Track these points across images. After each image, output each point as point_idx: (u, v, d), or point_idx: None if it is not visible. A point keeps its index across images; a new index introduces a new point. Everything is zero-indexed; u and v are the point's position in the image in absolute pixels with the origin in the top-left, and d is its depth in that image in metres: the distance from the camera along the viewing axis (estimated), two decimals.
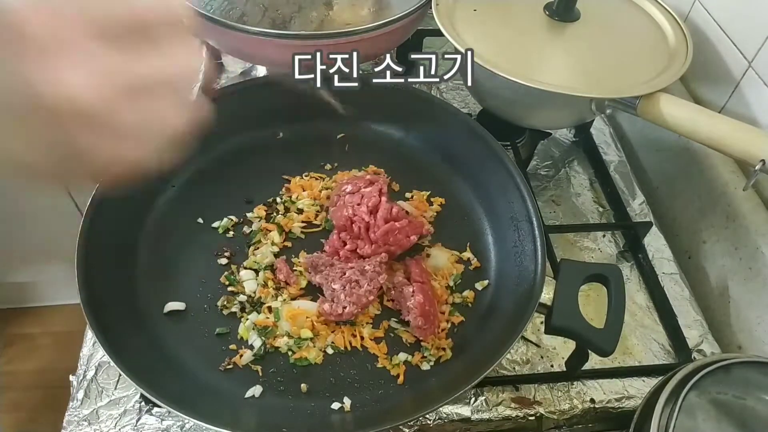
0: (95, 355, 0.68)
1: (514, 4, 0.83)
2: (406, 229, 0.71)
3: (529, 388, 0.68)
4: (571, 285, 0.61)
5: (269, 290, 0.69)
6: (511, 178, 0.73)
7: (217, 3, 0.85)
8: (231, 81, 1.00)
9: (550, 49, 0.80)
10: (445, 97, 1.00)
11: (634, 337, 0.74)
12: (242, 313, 0.68)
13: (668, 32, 0.80)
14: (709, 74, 0.86)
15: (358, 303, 0.65)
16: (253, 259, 0.72)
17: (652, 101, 0.69)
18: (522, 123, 0.87)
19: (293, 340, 0.65)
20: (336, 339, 0.66)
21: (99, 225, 0.67)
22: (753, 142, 0.64)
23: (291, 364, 0.64)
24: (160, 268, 0.71)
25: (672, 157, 0.90)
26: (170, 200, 0.76)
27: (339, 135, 0.85)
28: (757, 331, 0.73)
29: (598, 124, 0.99)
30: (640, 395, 0.67)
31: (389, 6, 0.89)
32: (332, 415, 0.61)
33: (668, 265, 0.81)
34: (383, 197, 0.73)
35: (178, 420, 0.63)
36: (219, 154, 0.81)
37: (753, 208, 0.76)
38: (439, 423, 0.65)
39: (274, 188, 0.79)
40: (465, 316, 0.69)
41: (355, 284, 0.66)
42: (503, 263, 0.73)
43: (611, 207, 0.88)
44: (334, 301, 0.66)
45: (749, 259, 0.75)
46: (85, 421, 0.63)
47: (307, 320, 0.67)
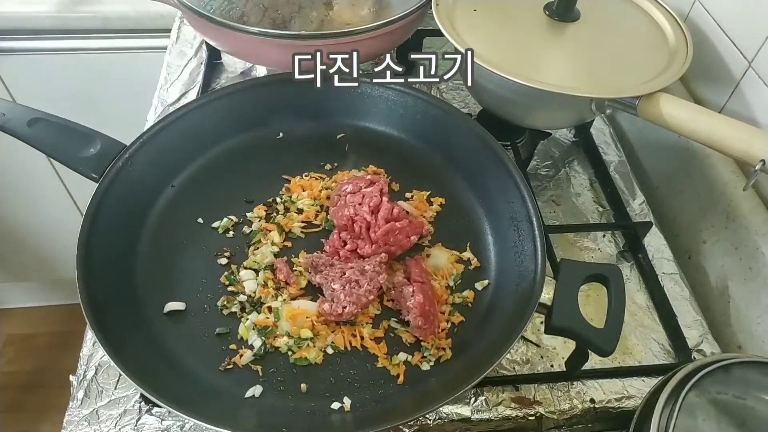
0: (95, 355, 0.68)
1: (514, 4, 0.83)
2: (406, 229, 0.71)
3: (529, 388, 0.68)
4: (571, 285, 0.61)
5: (269, 290, 0.69)
6: (511, 178, 0.73)
7: (217, 3, 0.85)
8: (231, 81, 1.00)
9: (550, 49, 0.80)
10: (445, 97, 1.01)
11: (634, 337, 0.74)
12: (242, 313, 0.68)
13: (668, 32, 0.80)
14: (709, 74, 0.86)
15: (358, 303, 0.65)
16: (253, 259, 0.72)
17: (652, 101, 0.69)
18: (522, 123, 0.87)
19: (293, 340, 0.65)
20: (336, 339, 0.66)
21: (99, 225, 0.67)
22: (753, 142, 0.64)
23: (291, 364, 0.64)
24: (160, 268, 0.71)
25: (672, 157, 0.90)
26: (170, 200, 0.76)
27: (339, 135, 0.85)
28: (757, 331, 0.73)
29: (598, 124, 0.99)
30: (640, 395, 0.67)
31: (389, 6, 0.89)
32: (332, 415, 0.61)
33: (668, 265, 0.81)
34: (384, 197, 0.73)
35: (178, 420, 0.63)
36: (219, 154, 0.81)
37: (753, 208, 0.76)
38: (439, 423, 0.65)
39: (274, 188, 0.79)
40: (465, 316, 0.69)
41: (355, 284, 0.66)
42: (503, 263, 0.73)
43: (611, 207, 0.88)
44: (334, 301, 0.66)
45: (749, 259, 0.75)
46: (85, 421, 0.63)
47: (307, 320, 0.67)
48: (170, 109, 0.93)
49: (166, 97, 0.97)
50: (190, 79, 1.00)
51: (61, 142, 0.70)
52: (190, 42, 1.07)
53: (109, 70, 1.33)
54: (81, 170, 0.69)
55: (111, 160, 0.70)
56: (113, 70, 1.33)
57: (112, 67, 1.33)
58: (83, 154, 0.70)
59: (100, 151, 0.70)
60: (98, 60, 1.32)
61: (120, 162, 0.71)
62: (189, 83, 0.99)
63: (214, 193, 0.78)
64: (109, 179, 0.69)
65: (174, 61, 1.03)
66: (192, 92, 0.97)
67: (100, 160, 0.70)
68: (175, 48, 1.06)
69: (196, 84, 0.98)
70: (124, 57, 1.31)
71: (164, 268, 0.71)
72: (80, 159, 0.69)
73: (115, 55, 1.32)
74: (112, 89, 1.36)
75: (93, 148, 0.70)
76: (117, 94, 1.34)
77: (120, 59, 1.32)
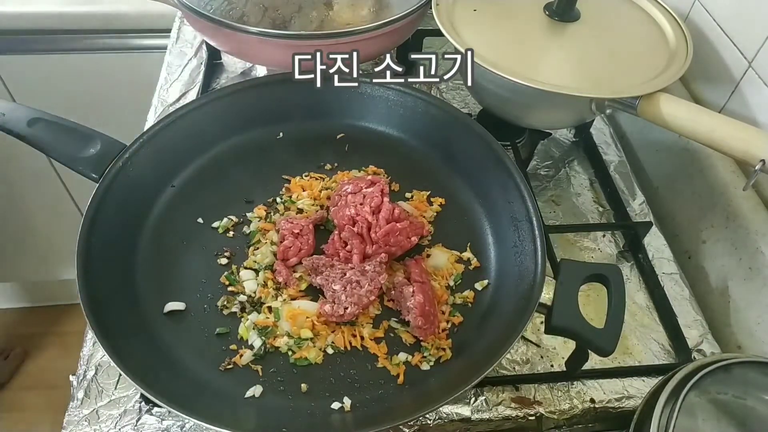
0: (95, 355, 0.68)
1: (514, 4, 0.83)
2: (407, 230, 0.71)
3: (529, 388, 0.68)
4: (571, 285, 0.61)
5: (269, 290, 0.69)
6: (511, 178, 0.73)
7: (217, 3, 0.85)
8: (231, 81, 1.00)
9: (550, 49, 0.80)
10: (445, 97, 1.01)
11: (634, 337, 0.74)
12: (242, 313, 0.68)
13: (668, 32, 0.80)
14: (709, 74, 0.86)
15: (359, 303, 0.65)
16: (252, 259, 0.72)
17: (652, 101, 0.69)
18: (522, 123, 0.87)
19: (293, 340, 0.65)
20: (336, 339, 0.66)
21: (99, 225, 0.67)
22: (753, 142, 0.64)
23: (291, 364, 0.64)
24: (160, 268, 0.71)
25: (672, 157, 0.90)
26: (170, 200, 0.76)
27: (339, 135, 0.85)
28: (757, 331, 0.73)
29: (598, 124, 0.99)
30: (640, 395, 0.67)
31: (389, 6, 0.89)
32: (332, 415, 0.61)
33: (668, 265, 0.81)
34: (385, 198, 0.73)
35: (178, 420, 0.63)
36: (219, 154, 0.81)
37: (753, 208, 0.76)
38: (439, 423, 0.65)
39: (274, 188, 0.79)
40: (465, 316, 0.69)
41: (355, 284, 0.66)
42: (503, 263, 0.73)
43: (611, 207, 0.88)
44: (336, 302, 0.66)
45: (749, 259, 0.75)
46: (85, 421, 0.63)
47: (307, 320, 0.67)
48: (170, 109, 0.93)
49: (166, 97, 0.97)
50: (190, 79, 1.00)
51: (61, 142, 0.70)
52: (190, 42, 1.07)
53: (109, 70, 1.34)
54: (81, 170, 0.69)
55: (111, 160, 0.70)
56: (113, 70, 1.33)
57: (112, 67, 1.33)
58: (83, 154, 0.70)
59: (100, 151, 0.70)
60: (98, 60, 1.32)
61: (120, 162, 0.71)
62: (189, 83, 0.99)
63: (214, 193, 0.78)
64: (109, 179, 0.69)
65: (174, 61, 1.03)
66: (192, 92, 0.97)
67: (100, 160, 0.70)
68: (175, 48, 1.06)
69: (196, 84, 0.98)
70: (124, 57, 1.32)
71: (164, 268, 0.71)
72: (80, 159, 0.69)
73: (115, 55, 1.32)
74: (112, 89, 1.36)
75: (93, 148, 0.70)
76: (117, 94, 1.34)
77: (120, 59, 1.32)
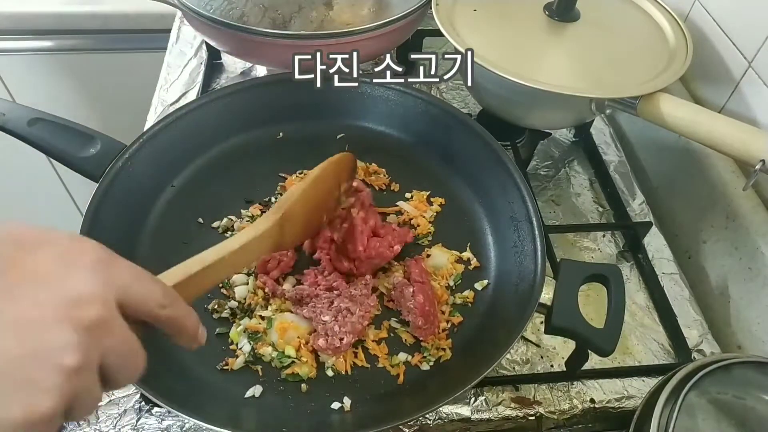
0: None
1: (514, 4, 0.83)
2: (388, 239, 0.70)
3: (529, 388, 0.68)
4: (571, 285, 0.61)
5: (259, 299, 0.67)
6: (511, 178, 0.73)
7: (217, 3, 0.85)
8: (231, 81, 1.00)
9: (550, 49, 0.80)
10: (445, 97, 1.01)
11: (634, 337, 0.74)
12: (233, 318, 0.67)
13: (668, 32, 0.80)
14: (709, 74, 0.86)
15: (353, 331, 0.63)
16: None
17: (652, 101, 0.69)
18: (522, 123, 0.87)
19: (276, 353, 0.64)
20: (337, 363, 0.64)
21: (99, 225, 0.67)
22: (753, 142, 0.64)
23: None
24: (160, 268, 0.70)
25: (672, 157, 0.90)
26: (170, 200, 0.76)
27: (339, 135, 0.85)
28: (757, 331, 0.73)
29: (598, 124, 0.99)
30: (640, 395, 0.67)
31: (389, 6, 0.89)
32: (332, 415, 0.61)
33: (668, 265, 0.81)
34: (362, 212, 0.70)
35: (178, 420, 0.63)
36: (219, 154, 0.81)
37: (753, 208, 0.76)
38: (439, 423, 0.65)
39: (274, 188, 0.79)
40: (465, 316, 0.69)
41: (346, 312, 0.64)
42: (503, 263, 0.73)
43: (611, 207, 0.88)
44: (329, 334, 0.63)
45: (749, 259, 0.75)
46: (85, 421, 0.63)
47: (296, 339, 0.64)
48: (170, 109, 0.93)
49: (166, 97, 0.97)
50: (190, 79, 1.00)
51: (61, 142, 0.70)
52: (190, 42, 1.07)
53: (109, 70, 1.33)
54: (81, 170, 0.69)
55: (111, 160, 0.70)
56: (113, 70, 1.33)
57: (112, 67, 1.33)
58: (83, 154, 0.70)
59: (100, 151, 0.70)
60: (98, 60, 1.32)
61: (120, 162, 0.71)
62: (189, 83, 0.99)
63: (214, 193, 0.78)
64: (109, 179, 0.69)
65: (174, 61, 1.03)
66: (192, 92, 0.97)
67: (100, 160, 0.70)
68: (175, 48, 1.06)
69: (196, 84, 0.98)
70: (124, 57, 1.32)
71: (164, 268, 0.70)
72: (80, 159, 0.69)
73: (115, 55, 1.32)
74: (112, 89, 1.36)
75: (93, 148, 0.70)
76: (117, 94, 1.34)
77: (120, 59, 1.32)
